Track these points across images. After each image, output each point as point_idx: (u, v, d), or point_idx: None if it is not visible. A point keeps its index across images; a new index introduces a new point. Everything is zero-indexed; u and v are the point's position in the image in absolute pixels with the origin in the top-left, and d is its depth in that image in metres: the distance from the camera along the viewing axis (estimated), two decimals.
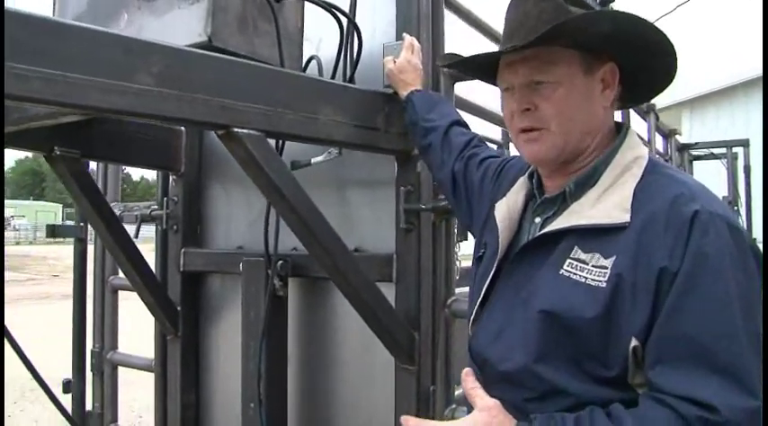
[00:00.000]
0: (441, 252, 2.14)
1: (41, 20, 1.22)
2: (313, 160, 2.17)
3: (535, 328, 1.18)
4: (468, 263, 2.63)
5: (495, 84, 1.41)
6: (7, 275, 20.78)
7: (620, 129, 1.32)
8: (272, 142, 1.97)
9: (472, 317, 1.41)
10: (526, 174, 1.43)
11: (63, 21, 1.29)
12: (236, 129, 1.56)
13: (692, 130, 13.86)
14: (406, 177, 2.13)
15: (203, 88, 1.49)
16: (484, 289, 1.37)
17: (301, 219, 1.80)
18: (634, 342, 1.09)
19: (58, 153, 2.08)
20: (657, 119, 5.14)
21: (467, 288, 2.30)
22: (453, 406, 2.09)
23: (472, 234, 1.68)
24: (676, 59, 1.27)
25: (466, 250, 2.53)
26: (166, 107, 1.43)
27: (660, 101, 5.99)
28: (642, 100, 1.48)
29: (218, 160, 2.68)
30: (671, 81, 1.35)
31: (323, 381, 2.38)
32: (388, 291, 2.09)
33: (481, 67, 1.45)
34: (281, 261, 2.22)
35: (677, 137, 6.61)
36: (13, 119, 1.66)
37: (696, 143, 7.37)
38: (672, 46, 1.24)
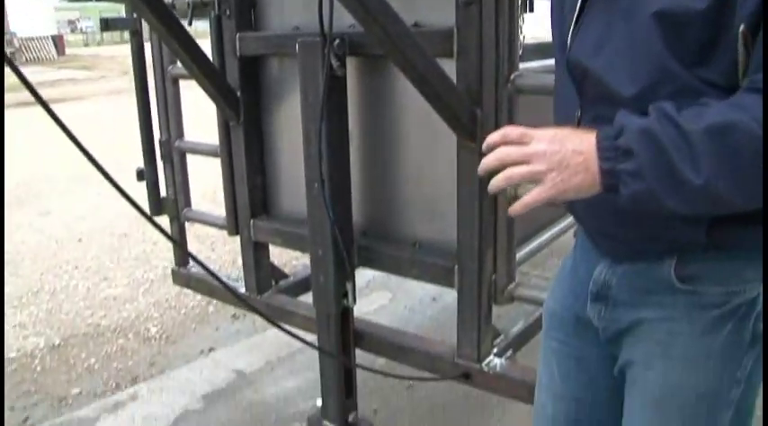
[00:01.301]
0: (504, 26, 2.01)
1: None
2: None
3: (642, 38, 1.06)
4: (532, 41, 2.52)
5: None
6: (81, 74, 21.42)
7: None
8: None
9: (569, 34, 1.25)
10: None
11: None
12: None
13: None
14: None
15: None
16: (578, 4, 1.22)
17: None
18: (742, 28, 0.97)
19: None
20: None
21: (531, 64, 2.23)
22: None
23: None
24: None
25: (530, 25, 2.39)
26: None
27: None
28: None
29: None
30: None
31: (386, 159, 2.38)
32: (449, 67, 2.00)
33: None
34: (337, 40, 2.13)
35: None
36: None
37: None
38: None
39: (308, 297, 2.77)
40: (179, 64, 2.83)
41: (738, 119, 0.93)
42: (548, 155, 1.05)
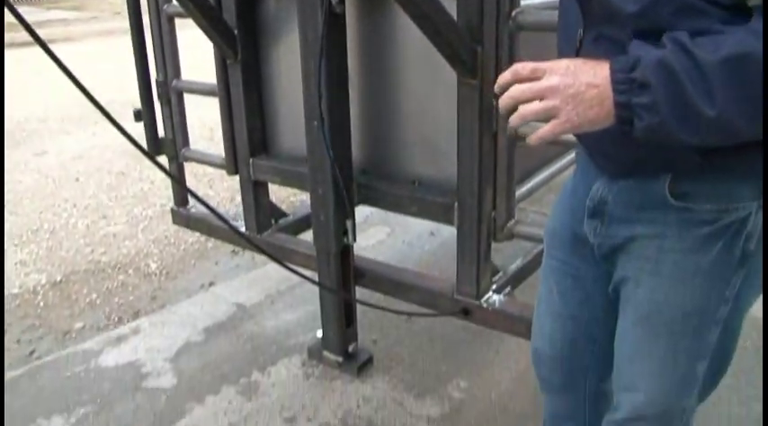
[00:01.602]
0: None
1: None
2: None
3: None
4: None
5: None
6: (71, 14, 20.95)
7: None
8: None
9: None
10: None
11: None
12: None
13: None
14: None
15: None
16: None
17: None
18: None
19: None
20: None
21: (532, 0, 2.20)
22: None
23: None
24: None
25: None
26: None
27: None
28: None
29: None
30: None
31: (385, 97, 2.38)
32: (449, 3, 1.98)
33: None
34: None
35: None
36: None
37: None
38: None
39: (307, 236, 2.80)
40: (174, 1, 2.78)
41: (753, 48, 0.93)
42: (561, 89, 1.04)
